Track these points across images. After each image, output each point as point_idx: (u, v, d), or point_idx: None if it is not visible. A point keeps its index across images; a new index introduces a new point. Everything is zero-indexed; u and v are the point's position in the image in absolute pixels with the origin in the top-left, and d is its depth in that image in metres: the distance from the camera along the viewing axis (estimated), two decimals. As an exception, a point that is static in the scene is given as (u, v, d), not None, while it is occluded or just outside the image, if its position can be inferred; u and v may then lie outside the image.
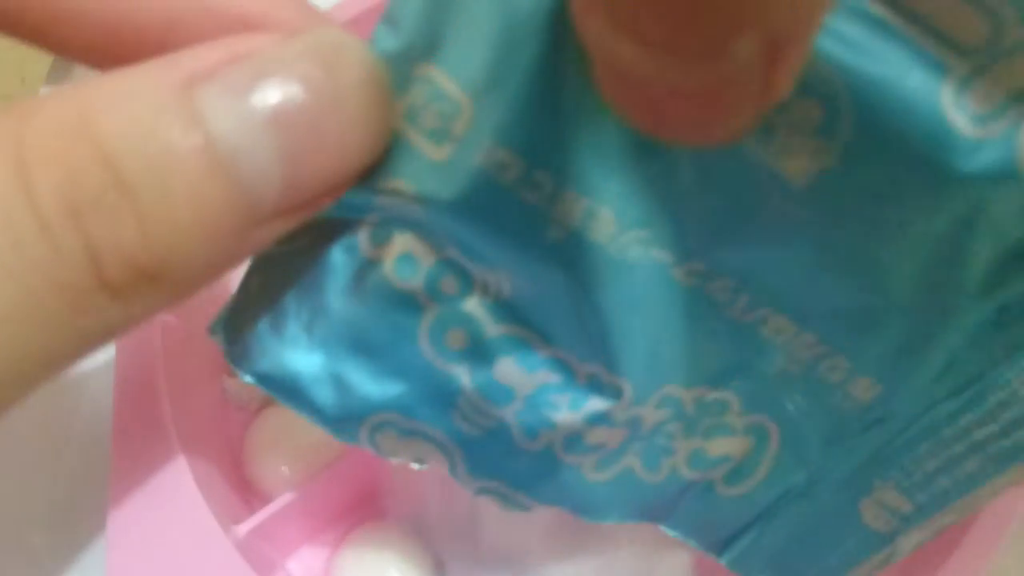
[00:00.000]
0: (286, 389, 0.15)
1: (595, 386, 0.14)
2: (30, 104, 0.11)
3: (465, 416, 0.15)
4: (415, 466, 0.16)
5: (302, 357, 0.15)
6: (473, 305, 0.14)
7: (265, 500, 0.25)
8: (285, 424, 0.25)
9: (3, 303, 0.10)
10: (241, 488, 0.26)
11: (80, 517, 0.23)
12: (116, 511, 0.20)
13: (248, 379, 0.15)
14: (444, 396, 0.15)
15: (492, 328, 0.14)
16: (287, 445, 0.25)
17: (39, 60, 0.33)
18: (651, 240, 0.13)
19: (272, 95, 0.11)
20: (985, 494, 0.14)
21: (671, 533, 0.16)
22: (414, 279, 0.14)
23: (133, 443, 0.21)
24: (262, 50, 0.11)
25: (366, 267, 0.14)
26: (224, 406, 0.27)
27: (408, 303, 0.14)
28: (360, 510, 0.26)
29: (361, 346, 0.15)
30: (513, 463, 0.15)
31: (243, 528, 0.22)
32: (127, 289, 0.11)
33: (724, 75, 0.10)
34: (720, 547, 0.16)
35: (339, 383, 0.15)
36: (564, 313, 0.13)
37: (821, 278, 0.13)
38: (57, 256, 0.10)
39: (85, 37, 0.13)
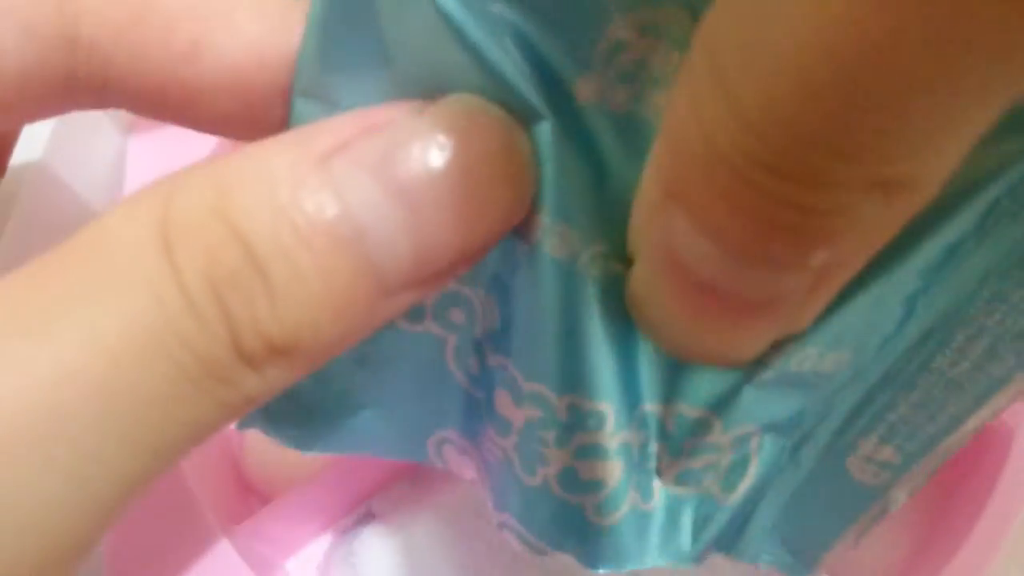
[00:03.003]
0: (347, 447, 0.16)
1: (577, 418, 0.14)
2: (172, 183, 0.11)
3: (491, 438, 0.15)
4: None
5: (352, 417, 0.15)
6: (479, 332, 0.14)
7: (264, 500, 0.25)
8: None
9: (160, 379, 0.10)
10: (240, 489, 0.26)
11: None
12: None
13: (309, 454, 0.16)
14: (479, 417, 0.15)
15: (491, 358, 0.14)
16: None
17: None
18: (610, 254, 0.12)
19: (403, 168, 0.11)
20: (969, 429, 0.14)
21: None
22: (424, 320, 0.14)
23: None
24: (395, 122, 0.11)
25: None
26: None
27: (428, 340, 0.14)
28: (356, 511, 0.26)
29: (402, 386, 0.15)
30: (518, 498, 0.15)
31: (242, 529, 0.22)
32: (263, 362, 0.11)
33: (782, 289, 0.10)
34: (728, 546, 0.16)
35: (394, 420, 0.15)
36: (537, 339, 0.13)
37: None
38: (203, 331, 0.10)
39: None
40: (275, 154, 0.11)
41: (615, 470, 0.14)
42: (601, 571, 0.15)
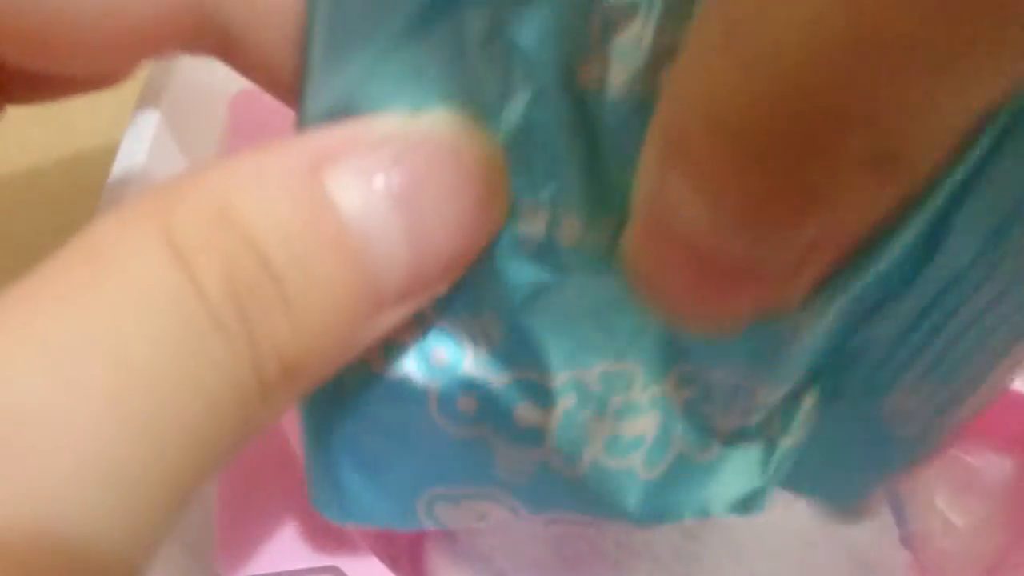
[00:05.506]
0: (349, 517, 0.15)
1: (609, 382, 0.14)
2: (166, 193, 0.10)
3: (507, 467, 0.15)
4: (480, 524, 0.16)
5: (346, 483, 0.15)
6: (470, 366, 0.14)
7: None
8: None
9: (192, 408, 0.09)
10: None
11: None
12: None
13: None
14: (479, 457, 0.15)
15: (496, 380, 0.14)
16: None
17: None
18: (617, 233, 0.12)
19: (399, 178, 0.11)
20: (996, 381, 0.14)
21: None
22: (404, 364, 0.14)
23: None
24: (386, 132, 0.11)
25: (350, 372, 0.13)
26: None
27: (408, 390, 0.14)
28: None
29: (381, 450, 0.14)
30: (569, 494, 0.15)
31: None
32: (274, 387, 0.10)
33: (768, 260, 0.10)
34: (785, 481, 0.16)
35: (377, 487, 0.15)
36: (566, 325, 0.13)
37: None
38: (232, 355, 0.10)
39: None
40: (274, 163, 0.11)
41: (652, 421, 0.14)
42: (659, 523, 0.15)
